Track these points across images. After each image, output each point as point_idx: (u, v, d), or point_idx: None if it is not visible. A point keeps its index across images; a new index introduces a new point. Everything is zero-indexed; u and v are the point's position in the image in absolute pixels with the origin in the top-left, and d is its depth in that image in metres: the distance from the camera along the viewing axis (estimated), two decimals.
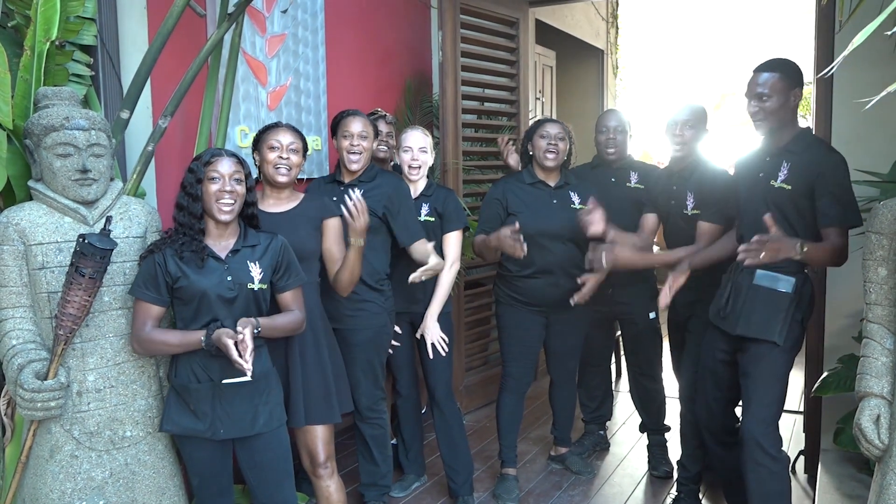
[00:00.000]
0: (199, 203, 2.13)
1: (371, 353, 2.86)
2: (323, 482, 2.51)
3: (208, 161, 2.16)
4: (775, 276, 2.50)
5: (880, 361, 2.03)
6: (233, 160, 2.18)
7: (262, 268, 2.19)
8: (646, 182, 3.37)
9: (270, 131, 2.54)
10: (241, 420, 2.16)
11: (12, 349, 2.04)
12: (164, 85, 2.82)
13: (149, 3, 2.89)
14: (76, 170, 2.08)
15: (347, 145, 2.81)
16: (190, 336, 2.07)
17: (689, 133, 3.01)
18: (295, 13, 3.43)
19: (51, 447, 2.08)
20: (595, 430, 3.84)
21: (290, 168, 2.51)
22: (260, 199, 2.54)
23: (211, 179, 2.13)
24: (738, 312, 2.56)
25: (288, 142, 2.50)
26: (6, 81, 2.11)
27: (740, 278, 2.59)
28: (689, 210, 2.98)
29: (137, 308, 2.11)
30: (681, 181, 3.04)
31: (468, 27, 4.11)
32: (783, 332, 2.46)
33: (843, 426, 3.13)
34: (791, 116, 2.54)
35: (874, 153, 3.10)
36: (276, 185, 2.53)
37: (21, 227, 2.06)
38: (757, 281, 2.53)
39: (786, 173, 2.48)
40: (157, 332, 2.09)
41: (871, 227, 2.06)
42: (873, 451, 1.99)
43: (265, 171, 2.53)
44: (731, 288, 2.62)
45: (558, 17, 5.87)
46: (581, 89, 6.86)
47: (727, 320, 2.61)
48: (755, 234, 2.51)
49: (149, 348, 2.11)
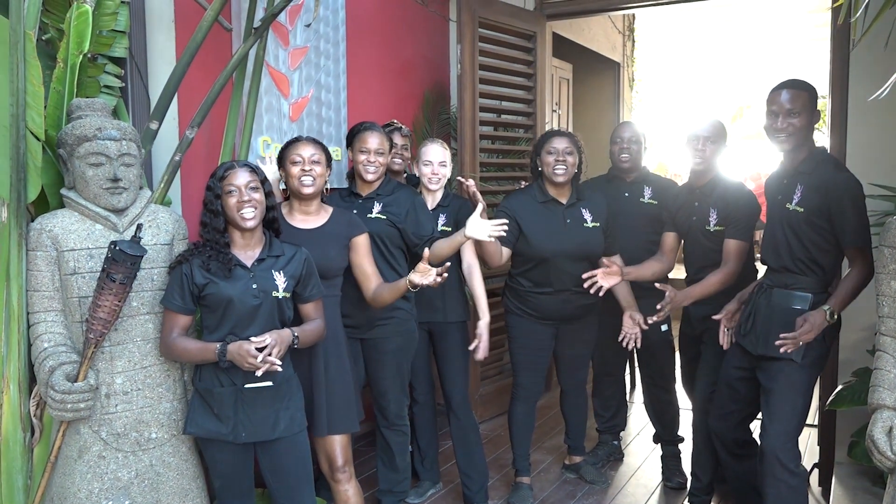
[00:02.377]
0: (220, 218, 2.20)
1: (402, 359, 2.92)
2: (341, 486, 2.56)
3: (223, 176, 2.22)
4: (791, 294, 2.55)
5: (893, 374, 2.06)
6: (245, 170, 2.24)
7: (287, 277, 2.25)
8: (661, 198, 3.39)
9: (292, 146, 2.59)
10: (263, 424, 2.21)
11: (44, 351, 2.11)
12: (189, 96, 2.90)
13: (177, 17, 2.97)
14: (107, 178, 2.15)
15: (364, 160, 2.86)
16: (207, 348, 2.14)
17: (711, 148, 3.02)
18: (317, 27, 3.50)
19: (79, 447, 2.15)
20: (609, 440, 3.86)
21: (314, 179, 2.55)
22: (287, 213, 2.60)
23: (228, 193, 2.19)
24: (759, 331, 2.60)
25: (309, 154, 2.55)
26: (40, 94, 2.19)
27: (760, 299, 2.65)
28: (711, 226, 2.99)
29: (166, 316, 2.19)
30: (703, 197, 3.05)
31: (486, 40, 4.16)
32: (801, 350, 2.47)
33: (857, 439, 3.14)
34: (810, 135, 2.58)
35: (889, 168, 3.13)
36: (302, 197, 2.57)
37: (54, 234, 2.13)
38: (776, 300, 2.58)
39: (799, 196, 2.52)
40: (180, 339, 2.17)
41: (884, 241, 2.09)
42: (886, 462, 2.01)
43: (291, 186, 2.57)
44: (752, 308, 2.67)
45: (575, 30, 5.92)
46: (597, 102, 6.89)
47: (748, 338, 2.65)
48: (774, 258, 2.57)
49: (172, 354, 2.20)
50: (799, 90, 2.53)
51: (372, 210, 2.87)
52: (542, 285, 3.13)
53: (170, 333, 2.17)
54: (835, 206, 2.43)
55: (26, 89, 2.14)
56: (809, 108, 2.52)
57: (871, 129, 3.33)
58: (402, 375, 2.95)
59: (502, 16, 4.22)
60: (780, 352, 2.42)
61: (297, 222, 2.59)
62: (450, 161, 3.16)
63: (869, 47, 2.80)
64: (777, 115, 2.53)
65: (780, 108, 2.52)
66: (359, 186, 2.94)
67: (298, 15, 3.40)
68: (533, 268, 3.14)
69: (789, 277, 2.57)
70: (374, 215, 2.85)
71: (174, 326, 2.17)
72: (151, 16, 2.87)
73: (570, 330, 3.24)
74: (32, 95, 2.16)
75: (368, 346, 2.86)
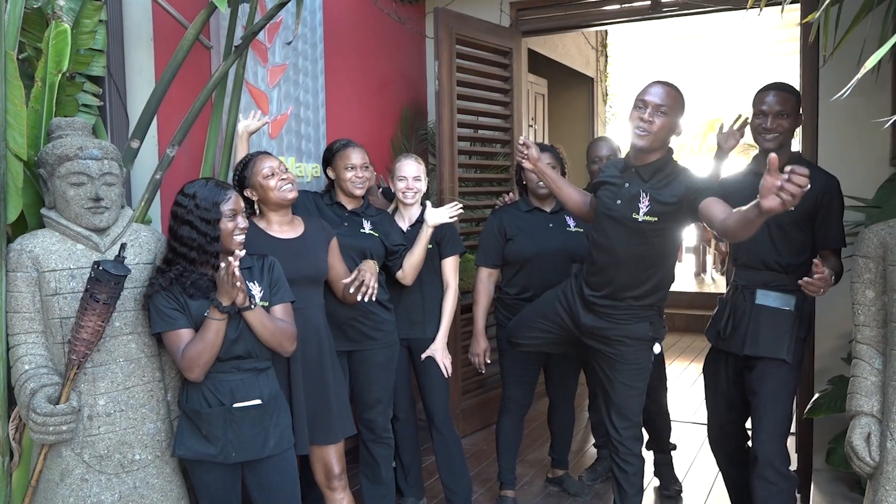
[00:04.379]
0: (218, 242, 2.18)
1: (390, 372, 2.94)
2: (337, 495, 2.59)
3: (219, 201, 2.18)
4: (778, 296, 2.58)
5: (870, 381, 2.10)
6: (235, 193, 2.25)
7: (262, 287, 2.26)
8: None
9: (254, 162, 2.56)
10: (252, 443, 2.19)
11: (25, 374, 2.07)
12: (168, 114, 2.89)
13: (155, 35, 2.96)
14: (89, 198, 2.13)
15: (352, 176, 2.87)
16: (209, 323, 2.07)
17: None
18: (296, 44, 3.51)
19: (61, 471, 2.11)
20: (607, 455, 3.83)
21: (292, 182, 2.57)
22: (266, 226, 2.59)
23: (229, 218, 2.19)
24: (743, 333, 2.62)
25: (276, 164, 2.56)
26: (22, 114, 2.17)
27: (739, 300, 2.66)
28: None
29: (168, 342, 2.14)
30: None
31: (463, 57, 4.21)
32: (790, 349, 2.53)
33: (834, 446, 3.19)
34: (791, 139, 2.64)
35: (859, 179, 3.20)
36: (281, 206, 2.57)
37: (34, 254, 2.10)
38: (759, 301, 2.60)
39: None
40: (188, 348, 2.09)
41: (859, 251, 2.14)
42: (865, 468, 2.06)
43: (271, 198, 2.54)
44: (731, 309, 2.69)
45: (550, 46, 5.99)
46: (572, 116, 6.98)
47: (730, 341, 2.67)
48: (750, 257, 2.61)
49: (196, 363, 2.09)
50: (787, 93, 2.59)
51: (363, 226, 2.90)
52: (526, 290, 3.16)
53: (177, 353, 2.11)
54: (825, 207, 2.50)
55: (7, 109, 2.12)
56: (796, 112, 2.59)
57: (841, 140, 3.41)
58: (389, 387, 2.97)
59: (479, 32, 4.27)
60: (807, 290, 2.34)
61: (277, 233, 2.58)
62: (425, 176, 3.18)
63: (838, 62, 2.87)
64: (766, 116, 2.57)
65: (770, 109, 2.56)
66: (340, 198, 2.96)
67: (277, 33, 3.41)
68: (518, 272, 3.20)
69: (769, 276, 2.60)
70: (366, 231, 2.89)
71: (181, 344, 2.11)
72: (130, 34, 2.86)
73: None
74: (14, 115, 2.15)
75: (356, 359, 2.87)
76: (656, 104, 2.36)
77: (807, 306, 2.62)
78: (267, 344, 2.22)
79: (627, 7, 4.30)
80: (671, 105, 2.37)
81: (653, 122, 2.36)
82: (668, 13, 4.22)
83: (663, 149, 2.45)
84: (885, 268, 2.07)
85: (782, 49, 7.49)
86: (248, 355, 2.20)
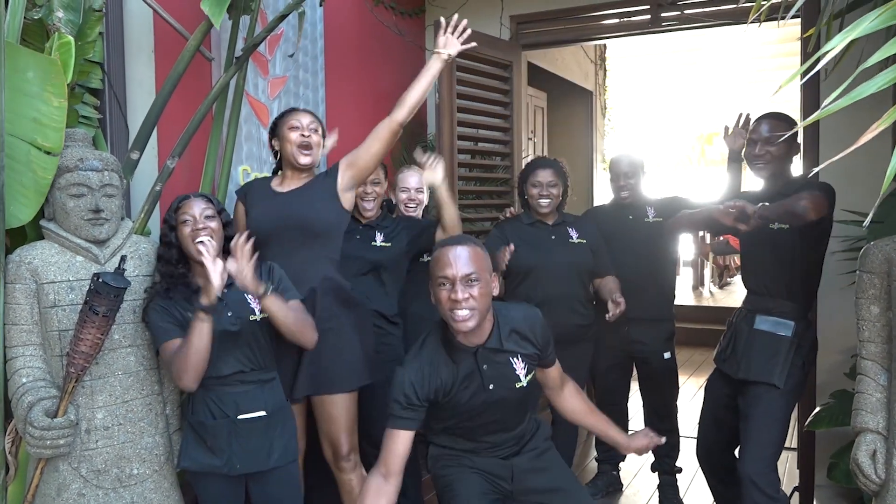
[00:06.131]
0: (174, 249, 2.16)
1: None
2: (346, 475, 2.53)
3: (177, 207, 2.19)
4: (775, 321, 2.58)
5: (875, 397, 2.09)
6: (201, 199, 2.21)
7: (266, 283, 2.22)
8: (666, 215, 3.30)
9: (288, 114, 2.57)
10: (258, 454, 2.17)
11: (22, 387, 2.05)
12: (168, 125, 2.88)
13: (156, 47, 2.96)
14: (89, 209, 2.12)
15: (361, 192, 2.86)
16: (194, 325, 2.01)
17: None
18: (297, 56, 3.51)
19: (58, 485, 2.09)
20: (608, 470, 3.79)
21: (312, 147, 2.53)
22: (278, 184, 2.58)
23: (183, 223, 2.15)
24: (740, 356, 2.62)
25: (308, 121, 2.54)
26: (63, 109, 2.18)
27: (741, 324, 2.67)
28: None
29: (163, 354, 2.13)
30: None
31: (464, 70, 4.20)
32: (783, 374, 2.51)
33: (836, 461, 3.17)
34: (788, 165, 2.64)
35: (861, 194, 3.19)
36: (298, 166, 2.54)
37: (33, 266, 2.09)
38: (757, 325, 2.60)
39: None
40: (175, 355, 2.05)
41: (863, 266, 2.13)
42: (870, 486, 2.04)
43: (287, 153, 2.53)
44: (733, 333, 2.69)
45: (549, 60, 6.00)
46: (571, 129, 6.97)
47: (728, 363, 2.67)
48: (758, 279, 2.62)
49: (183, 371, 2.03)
50: (778, 121, 2.59)
51: (375, 239, 2.87)
52: (528, 301, 3.14)
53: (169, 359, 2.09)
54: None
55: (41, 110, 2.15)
56: (788, 139, 2.58)
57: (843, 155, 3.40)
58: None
59: (479, 46, 4.26)
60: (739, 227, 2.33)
61: (278, 187, 2.57)
62: (426, 188, 3.17)
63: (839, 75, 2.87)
64: (756, 143, 2.60)
65: (759, 137, 2.59)
66: (356, 216, 2.93)
67: (278, 45, 3.41)
68: (520, 283, 3.17)
69: (770, 302, 2.60)
70: (378, 244, 2.86)
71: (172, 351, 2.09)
72: (131, 45, 2.86)
73: (565, 356, 3.23)
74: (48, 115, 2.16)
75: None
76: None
77: (809, 335, 2.61)
78: (290, 333, 2.15)
79: (627, 21, 4.31)
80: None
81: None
82: (668, 27, 4.22)
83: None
84: (890, 283, 2.05)
85: (781, 63, 7.52)
86: (252, 364, 2.18)
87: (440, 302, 1.97)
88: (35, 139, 2.15)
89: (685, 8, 4.07)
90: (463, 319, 1.93)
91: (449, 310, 1.95)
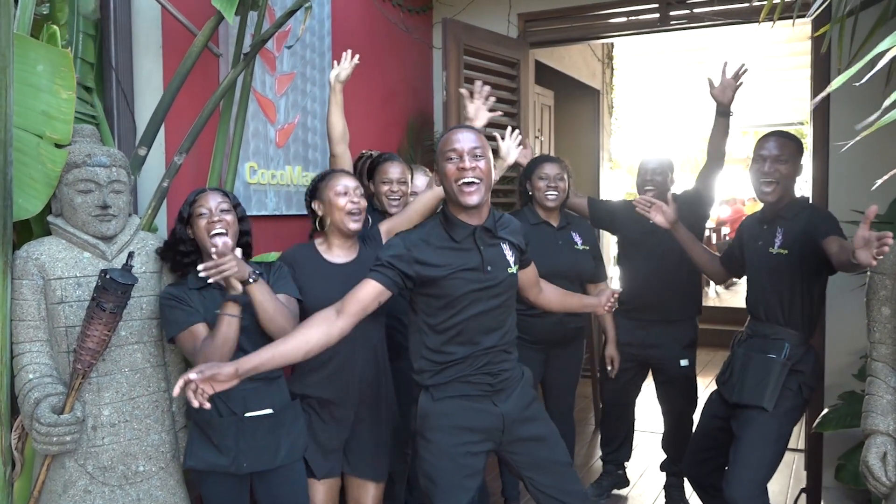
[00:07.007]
0: (188, 243, 2.17)
1: None
2: None
3: (193, 200, 2.19)
4: (767, 343, 2.55)
5: (885, 399, 2.07)
6: (217, 193, 2.22)
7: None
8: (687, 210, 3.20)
9: (332, 179, 2.43)
10: (265, 452, 2.17)
11: (29, 383, 2.05)
12: (175, 121, 2.87)
13: (164, 43, 2.95)
14: (97, 206, 2.11)
15: (387, 190, 2.84)
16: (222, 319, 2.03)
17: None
18: (303, 53, 3.50)
19: (64, 482, 2.09)
20: (613, 470, 3.77)
21: (360, 212, 2.41)
22: (326, 249, 2.47)
23: (199, 216, 2.16)
24: (735, 380, 2.59)
25: (354, 185, 2.42)
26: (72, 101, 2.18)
27: (738, 348, 2.66)
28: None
29: (182, 342, 2.12)
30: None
31: (471, 67, 4.19)
32: (773, 397, 2.46)
33: (844, 462, 3.16)
34: (792, 186, 2.61)
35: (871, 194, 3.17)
36: (341, 232, 2.41)
37: (41, 262, 2.08)
38: (750, 349, 2.59)
39: (781, 238, 2.54)
40: (203, 346, 2.05)
41: (875, 267, 2.12)
42: (881, 488, 2.02)
43: (335, 219, 2.40)
44: (731, 356, 2.69)
45: (556, 58, 5.98)
46: (578, 127, 6.95)
47: (726, 387, 2.65)
48: (756, 306, 2.61)
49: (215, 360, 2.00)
50: (787, 139, 2.57)
51: None
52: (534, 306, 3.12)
53: (195, 347, 2.07)
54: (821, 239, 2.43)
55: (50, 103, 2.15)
56: (796, 159, 2.55)
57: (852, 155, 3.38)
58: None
59: (486, 43, 4.26)
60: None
61: (330, 256, 2.45)
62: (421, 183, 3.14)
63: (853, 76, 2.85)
64: (765, 160, 2.54)
65: (769, 154, 2.54)
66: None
67: (286, 41, 3.40)
68: None
69: (768, 328, 2.58)
70: None
71: (197, 339, 2.08)
72: (138, 41, 2.85)
73: (560, 354, 3.24)
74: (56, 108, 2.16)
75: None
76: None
77: (808, 359, 2.55)
78: (266, 324, 2.11)
79: (635, 20, 4.29)
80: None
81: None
82: (677, 26, 4.20)
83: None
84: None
85: (791, 62, 7.47)
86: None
87: (448, 176, 2.03)
88: (44, 132, 2.15)
89: (694, 6, 4.05)
90: (470, 192, 2.01)
91: (456, 181, 2.01)
